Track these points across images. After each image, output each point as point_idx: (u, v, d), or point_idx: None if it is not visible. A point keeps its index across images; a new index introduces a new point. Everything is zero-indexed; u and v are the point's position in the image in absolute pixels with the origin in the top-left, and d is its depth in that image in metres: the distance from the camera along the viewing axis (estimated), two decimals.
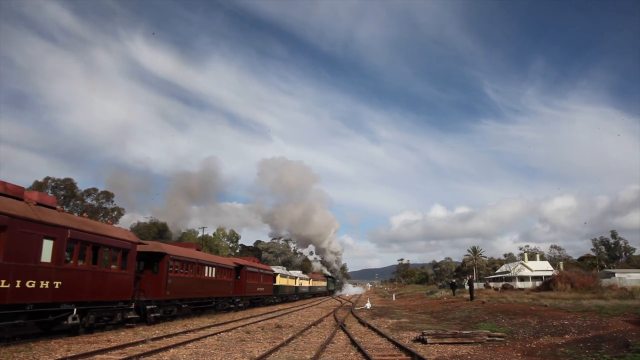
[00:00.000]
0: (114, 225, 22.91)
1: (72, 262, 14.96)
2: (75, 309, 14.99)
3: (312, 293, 70.22)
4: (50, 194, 67.28)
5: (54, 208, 15.09)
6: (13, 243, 12.41)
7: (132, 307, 18.77)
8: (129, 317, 18.50)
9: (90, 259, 15.84)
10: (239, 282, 33.38)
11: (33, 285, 13.07)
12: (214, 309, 28.26)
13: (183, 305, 24.35)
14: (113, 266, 17.26)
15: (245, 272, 34.33)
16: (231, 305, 31.28)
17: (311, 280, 70.44)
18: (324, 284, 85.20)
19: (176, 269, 22.99)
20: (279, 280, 47.24)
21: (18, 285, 12.47)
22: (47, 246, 13.76)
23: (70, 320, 14.89)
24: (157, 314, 20.61)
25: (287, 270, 59.58)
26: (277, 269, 49.25)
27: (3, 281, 12.02)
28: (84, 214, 18.45)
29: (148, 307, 19.89)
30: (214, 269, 27.89)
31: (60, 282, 14.20)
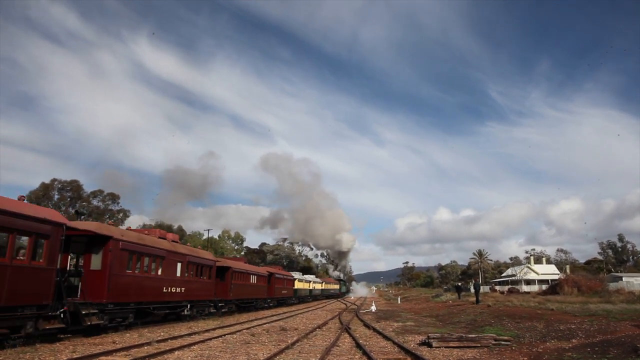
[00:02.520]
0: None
1: (188, 275, 23.51)
2: (189, 305, 23.68)
3: (325, 295, 77.07)
4: (56, 196, 67.59)
5: (178, 242, 24.40)
6: (166, 265, 21.20)
7: (212, 304, 27.23)
8: (211, 311, 27.08)
9: (196, 273, 24.82)
10: (270, 287, 40.87)
11: (174, 290, 21.86)
12: (254, 307, 36.13)
13: (239, 305, 32.58)
14: (205, 277, 25.97)
15: (274, 278, 42.02)
16: (264, 305, 39.09)
17: (324, 283, 78.93)
18: (337, 286, 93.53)
19: (235, 278, 31.11)
20: (297, 285, 54.52)
21: (168, 290, 21.24)
22: (178, 267, 22.53)
23: (186, 312, 23.42)
24: (224, 310, 29.20)
25: (303, 275, 66.81)
26: (295, 275, 57.04)
27: (163, 287, 20.87)
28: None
29: (220, 304, 28.43)
30: (255, 276, 36.30)
31: (184, 288, 22.90)
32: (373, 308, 37.62)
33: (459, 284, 61.33)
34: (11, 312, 12.19)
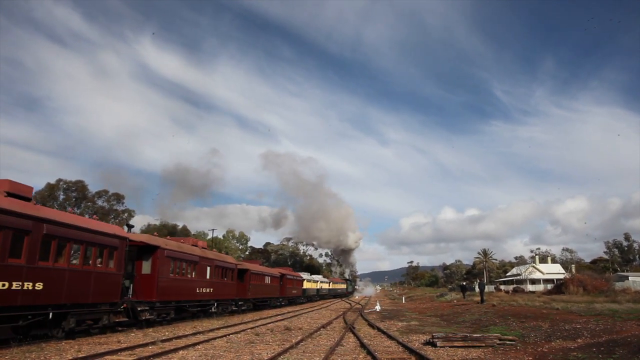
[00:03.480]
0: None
1: (215, 278, 26.59)
2: (215, 303, 26.86)
3: (333, 294, 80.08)
4: (62, 196, 67.96)
5: (207, 249, 27.71)
6: (198, 269, 24.40)
7: (233, 303, 30.73)
8: (233, 308, 30.63)
9: (221, 276, 27.96)
10: (282, 287, 43.92)
11: (204, 290, 24.99)
12: (269, 306, 39.26)
13: (256, 303, 36.01)
14: (228, 279, 29.17)
15: (285, 279, 45.13)
16: (277, 303, 41.98)
17: (331, 283, 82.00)
18: (344, 286, 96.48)
19: (252, 279, 34.45)
20: (305, 284, 57.71)
21: (199, 290, 24.43)
22: (207, 270, 25.60)
23: (213, 309, 26.57)
24: (244, 307, 32.54)
25: (310, 275, 69.46)
26: (304, 275, 59.89)
27: (196, 288, 24.09)
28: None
29: (240, 302, 31.68)
30: (269, 277, 39.53)
31: (212, 289, 25.99)
32: (377, 307, 37.59)
33: (464, 283, 61.20)
34: (95, 308, 15.85)
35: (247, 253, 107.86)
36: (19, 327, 12.87)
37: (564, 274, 67.90)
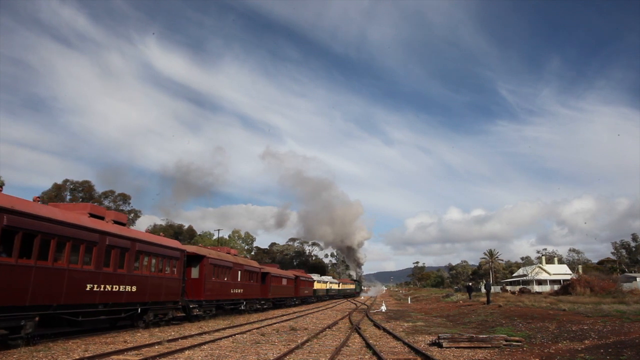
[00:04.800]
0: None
1: (244, 280, 30.65)
2: (244, 302, 30.65)
3: (342, 295, 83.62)
4: (68, 196, 68.40)
5: (238, 256, 32.43)
6: (232, 273, 28.37)
7: (257, 302, 34.52)
8: (257, 307, 34.08)
9: (249, 278, 31.92)
10: (296, 288, 47.83)
11: (237, 291, 29.13)
12: (285, 305, 43.09)
13: (275, 302, 39.55)
14: (254, 281, 33.13)
15: (299, 280, 49.08)
16: (292, 303, 45.83)
17: (340, 284, 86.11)
18: (353, 286, 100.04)
19: (272, 281, 37.85)
20: (316, 285, 61.06)
21: (233, 291, 28.48)
22: (239, 274, 29.66)
23: (242, 307, 30.37)
24: (265, 306, 36.46)
25: (321, 276, 73.09)
26: (314, 277, 62.82)
27: (231, 289, 28.14)
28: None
29: (262, 302, 35.58)
30: (286, 279, 43.05)
31: (242, 290, 30.10)
32: (383, 308, 37.53)
33: (470, 284, 60.92)
34: (164, 305, 20.28)
35: (252, 253, 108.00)
36: (120, 319, 17.61)
37: (570, 274, 67.55)
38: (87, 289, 14.89)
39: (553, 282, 71.05)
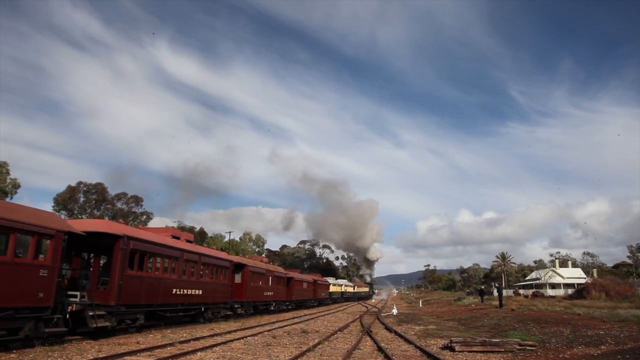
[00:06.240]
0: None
1: (274, 284, 35.18)
2: (274, 303, 35.56)
3: (357, 297, 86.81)
4: (82, 198, 69.14)
5: (269, 263, 38.99)
6: (264, 278, 33.01)
7: (283, 303, 39.13)
8: (283, 307, 38.93)
9: (277, 283, 36.40)
10: (314, 290, 51.83)
11: (268, 294, 33.82)
12: (305, 306, 46.90)
13: (297, 303, 43.75)
14: (281, 285, 37.69)
15: (317, 284, 53.11)
16: (310, 304, 49.74)
17: (355, 287, 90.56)
18: (367, 289, 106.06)
19: (295, 285, 42.13)
20: (332, 288, 65.03)
21: (266, 293, 33.03)
22: (270, 279, 34.32)
23: (272, 307, 35.09)
24: (289, 307, 41.20)
25: (336, 280, 77.42)
26: (330, 280, 66.57)
27: (264, 292, 32.86)
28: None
29: (287, 303, 40.29)
30: (305, 283, 47.65)
31: (272, 292, 34.69)
32: (394, 311, 37.32)
33: (482, 287, 60.38)
34: (218, 305, 25.03)
35: (263, 256, 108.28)
36: (191, 316, 22.39)
37: (585, 278, 66.53)
38: (173, 292, 19.80)
39: (567, 286, 70.12)
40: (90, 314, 14.59)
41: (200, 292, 22.31)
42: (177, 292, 20.07)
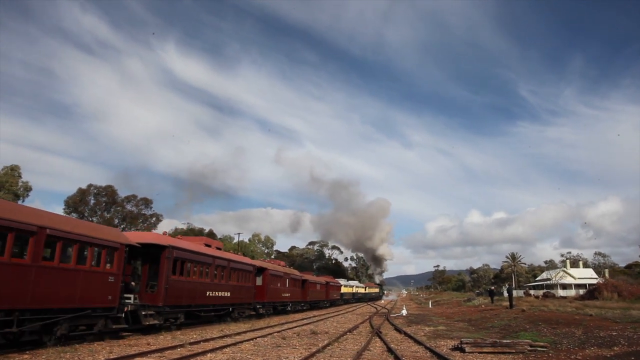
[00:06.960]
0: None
1: (291, 287, 37.64)
2: (290, 303, 37.84)
3: (368, 298, 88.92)
4: (92, 201, 69.77)
5: (286, 267, 40.85)
6: (282, 281, 35.56)
7: (299, 303, 42.09)
8: (299, 307, 41.79)
9: (293, 285, 38.75)
10: (327, 292, 54.45)
11: (286, 295, 36.52)
12: (318, 307, 49.93)
13: (311, 304, 46.78)
14: (297, 287, 40.37)
15: (329, 285, 55.87)
16: (323, 305, 52.93)
17: (367, 288, 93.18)
18: (377, 290, 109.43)
19: (310, 287, 45.00)
20: (343, 289, 67.48)
21: (283, 295, 35.93)
22: (287, 281, 36.78)
23: (289, 308, 37.93)
24: (305, 307, 44.34)
25: (347, 281, 79.46)
26: (342, 282, 68.95)
27: (282, 293, 35.38)
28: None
29: (302, 304, 43.22)
30: (319, 285, 50.53)
31: (289, 294, 37.08)
32: (404, 312, 37.20)
33: (492, 288, 59.93)
34: (242, 305, 27.04)
35: (272, 257, 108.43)
36: (220, 315, 24.50)
37: (596, 279, 65.78)
38: (207, 294, 22.06)
39: (578, 286, 69.36)
40: (143, 313, 17.02)
41: (229, 294, 24.46)
42: (210, 294, 22.33)
